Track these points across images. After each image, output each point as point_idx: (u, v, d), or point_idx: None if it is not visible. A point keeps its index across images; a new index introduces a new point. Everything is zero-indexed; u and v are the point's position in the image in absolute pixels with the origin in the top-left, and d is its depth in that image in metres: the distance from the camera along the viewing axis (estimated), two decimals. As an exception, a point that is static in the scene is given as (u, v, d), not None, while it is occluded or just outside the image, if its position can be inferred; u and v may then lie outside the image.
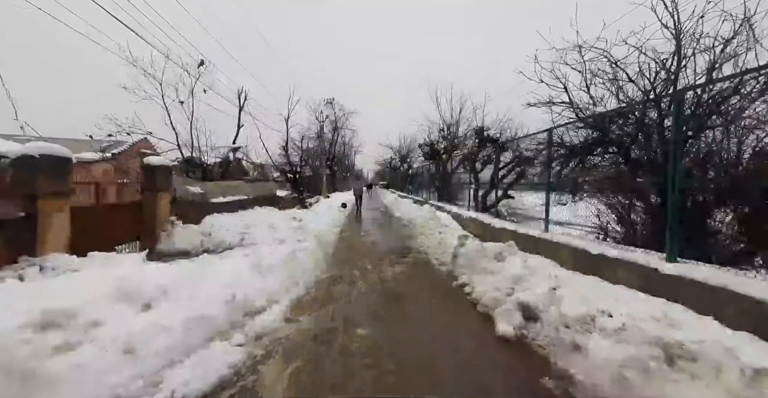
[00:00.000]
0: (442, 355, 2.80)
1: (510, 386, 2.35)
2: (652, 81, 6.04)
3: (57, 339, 2.18)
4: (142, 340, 2.44)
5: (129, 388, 2.12)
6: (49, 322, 2.29)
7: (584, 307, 3.13)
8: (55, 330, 2.26)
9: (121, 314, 2.69)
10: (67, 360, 2.04)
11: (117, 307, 2.75)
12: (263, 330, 3.04)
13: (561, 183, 7.34)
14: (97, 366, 2.09)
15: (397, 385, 2.32)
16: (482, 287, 4.16)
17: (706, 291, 3.03)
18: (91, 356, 2.15)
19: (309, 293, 4.33)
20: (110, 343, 2.28)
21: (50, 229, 5.25)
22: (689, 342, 2.24)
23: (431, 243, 7.84)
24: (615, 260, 4.24)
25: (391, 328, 3.30)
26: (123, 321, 2.58)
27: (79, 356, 2.12)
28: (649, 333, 2.39)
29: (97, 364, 2.12)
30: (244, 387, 2.25)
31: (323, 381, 2.35)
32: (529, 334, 3.12)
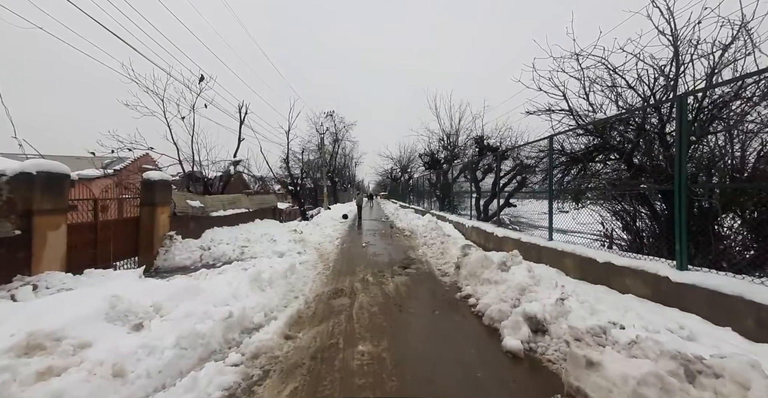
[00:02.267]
0: (447, 372, 2.67)
1: None
2: (651, 87, 6.03)
3: (42, 363, 2.08)
4: (133, 362, 2.33)
5: (116, 415, 2.00)
6: (35, 345, 2.19)
7: (594, 319, 3.01)
8: (40, 354, 2.16)
9: (112, 334, 2.59)
10: (50, 387, 1.93)
11: (107, 327, 2.64)
12: (260, 349, 2.91)
13: (563, 190, 7.27)
14: (82, 393, 1.97)
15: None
16: (487, 299, 4.03)
17: (722, 301, 2.91)
18: (77, 381, 2.04)
19: (309, 307, 4.20)
20: (98, 366, 2.17)
21: (46, 246, 5.18)
22: (710, 356, 2.12)
23: (433, 254, 7.71)
24: (623, 269, 4.12)
25: (393, 344, 3.16)
26: (113, 342, 2.46)
27: (64, 381, 2.00)
28: (665, 346, 2.26)
29: (83, 390, 2.00)
30: (238, 413, 2.13)
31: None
32: (538, 348, 2.98)
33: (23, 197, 5.03)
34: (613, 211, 6.84)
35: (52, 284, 4.37)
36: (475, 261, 5.08)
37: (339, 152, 35.35)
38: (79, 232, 6.19)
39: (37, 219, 5.15)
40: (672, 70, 5.70)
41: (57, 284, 4.34)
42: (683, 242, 3.47)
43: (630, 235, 6.62)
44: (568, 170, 7.59)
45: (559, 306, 3.32)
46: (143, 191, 8.04)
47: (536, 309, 3.24)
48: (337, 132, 33.35)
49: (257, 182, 22.20)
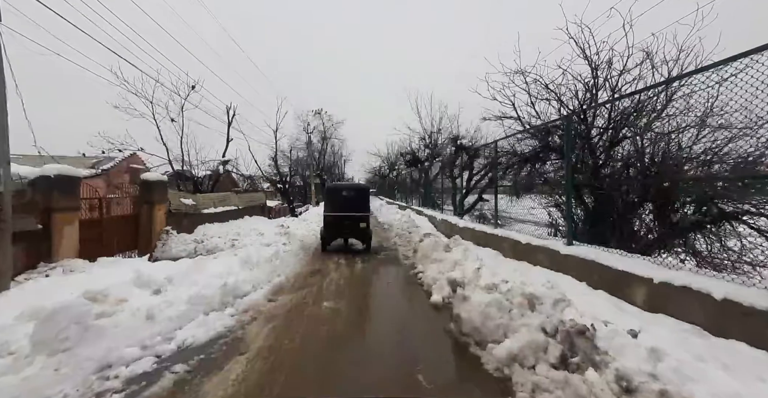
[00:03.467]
0: (385, 316, 3.75)
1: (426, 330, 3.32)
2: (580, 99, 7.21)
3: (99, 308, 3.07)
4: (158, 311, 3.33)
5: (152, 340, 3.01)
6: (91, 298, 3.18)
7: (494, 279, 4.12)
8: (96, 303, 3.15)
9: (140, 295, 3.59)
10: (110, 320, 2.93)
11: (136, 290, 3.64)
12: (249, 306, 3.95)
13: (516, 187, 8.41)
14: (130, 324, 2.98)
15: (344, 333, 3.26)
16: (429, 272, 5.13)
17: (584, 265, 4.05)
18: (123, 319, 3.05)
19: (288, 281, 5.24)
20: (136, 311, 3.17)
21: (63, 239, 6.09)
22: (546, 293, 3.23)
23: (402, 242, 8.81)
24: (537, 248, 5.26)
25: (351, 302, 4.23)
26: (142, 299, 3.47)
27: (115, 319, 3.01)
28: (525, 290, 3.38)
29: (129, 324, 3.01)
30: (234, 338, 3.16)
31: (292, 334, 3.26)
32: (453, 301, 4.08)
33: (43, 197, 5.92)
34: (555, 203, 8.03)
35: (75, 268, 5.30)
36: (427, 245, 6.18)
37: (327, 150, 36.17)
38: (88, 227, 7.08)
39: (55, 216, 6.04)
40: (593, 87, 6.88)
41: (80, 268, 5.28)
42: (570, 224, 4.61)
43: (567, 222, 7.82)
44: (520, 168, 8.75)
45: (476, 273, 4.43)
46: (141, 191, 8.93)
47: (456, 275, 4.34)
48: (326, 130, 34.11)
49: (246, 180, 23.01)
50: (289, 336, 3.18)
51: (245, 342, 3.05)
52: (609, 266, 3.67)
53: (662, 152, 6.20)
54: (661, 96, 5.90)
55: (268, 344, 3.00)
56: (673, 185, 5.68)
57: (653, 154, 6.39)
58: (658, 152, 6.29)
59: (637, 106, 6.07)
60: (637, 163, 6.46)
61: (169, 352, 2.85)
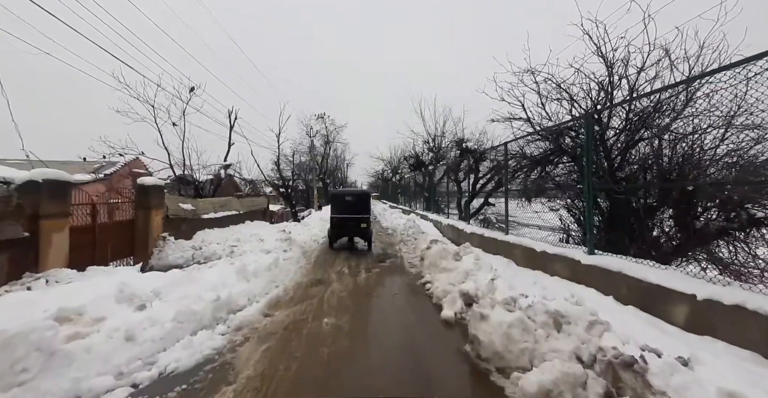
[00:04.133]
0: (390, 334, 3.39)
1: (439, 352, 2.95)
2: (594, 99, 6.86)
3: (70, 329, 2.74)
4: (140, 330, 2.99)
5: (129, 366, 2.67)
6: (64, 318, 2.85)
7: (511, 292, 3.75)
8: (68, 323, 2.82)
9: (121, 311, 3.25)
10: (79, 344, 2.59)
11: (117, 306, 3.31)
12: (243, 323, 3.61)
13: (526, 191, 8.05)
14: (103, 350, 2.64)
15: (347, 355, 2.90)
16: (438, 283, 4.76)
17: (609, 276, 3.68)
18: (98, 342, 2.71)
19: (287, 293, 4.88)
20: (114, 332, 2.84)
21: (51, 247, 5.78)
22: (573, 311, 2.86)
23: (408, 249, 8.44)
24: (553, 256, 4.88)
25: (354, 318, 3.87)
26: (123, 317, 3.13)
27: (90, 340, 2.67)
28: (548, 307, 3.01)
29: (103, 348, 2.67)
30: (224, 362, 2.81)
31: (288, 356, 2.91)
32: (467, 316, 3.71)
33: (31, 203, 5.62)
34: (567, 207, 7.66)
35: (61, 279, 4.97)
36: (435, 253, 5.82)
37: (330, 153, 35.94)
38: (80, 234, 6.78)
39: (43, 222, 5.74)
40: (608, 86, 6.54)
41: (65, 279, 4.95)
42: (590, 231, 4.24)
43: (581, 228, 7.44)
44: (530, 171, 8.40)
45: (490, 285, 4.07)
46: (138, 196, 8.63)
47: (469, 287, 3.97)
48: (328, 134, 33.91)
49: (247, 184, 22.76)
50: (285, 360, 2.83)
51: (235, 368, 2.70)
52: (639, 278, 3.30)
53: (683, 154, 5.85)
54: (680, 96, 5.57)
55: (261, 370, 2.65)
56: (697, 189, 5.32)
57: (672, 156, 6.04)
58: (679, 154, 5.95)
59: (656, 106, 5.74)
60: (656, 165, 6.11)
61: (148, 380, 2.51)
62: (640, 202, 5.92)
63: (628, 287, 3.41)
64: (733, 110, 4.54)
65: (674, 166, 5.91)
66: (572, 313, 2.74)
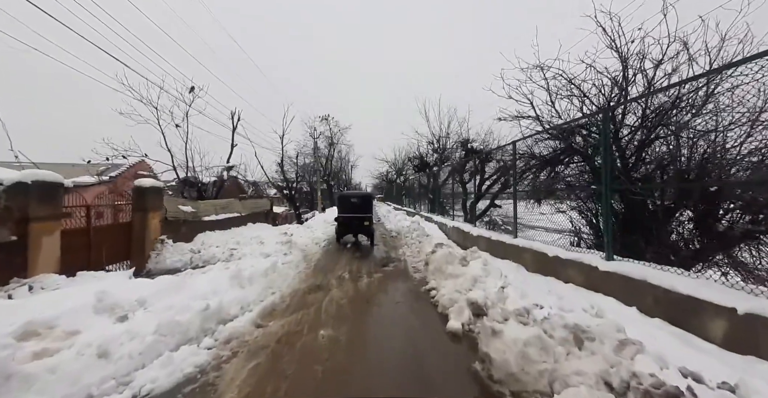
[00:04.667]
0: (392, 348, 3.09)
1: (445, 370, 2.65)
2: (607, 96, 6.52)
3: (37, 345, 2.48)
4: (116, 346, 2.73)
5: (101, 387, 2.40)
6: (31, 332, 2.59)
7: (524, 302, 3.44)
8: (36, 339, 2.56)
9: (99, 323, 2.99)
10: (46, 363, 2.33)
11: (95, 318, 3.05)
12: (232, 335, 3.33)
13: (534, 192, 7.72)
14: (71, 368, 2.38)
15: (344, 374, 2.61)
16: (444, 290, 4.46)
17: (631, 284, 3.35)
18: (67, 359, 2.44)
19: (283, 301, 4.60)
20: (86, 348, 2.57)
21: (41, 251, 5.56)
22: (596, 325, 2.55)
23: (411, 252, 8.14)
24: (567, 262, 4.55)
25: (353, 329, 3.58)
26: (100, 330, 2.87)
27: (57, 359, 2.41)
28: (567, 320, 2.70)
29: (72, 366, 2.40)
30: (205, 383, 2.54)
31: (278, 375, 2.63)
32: (476, 328, 3.40)
33: (19, 205, 5.41)
34: (579, 210, 7.31)
35: (47, 285, 4.75)
36: (441, 258, 5.51)
37: (335, 155, 35.77)
38: (73, 237, 6.58)
39: (33, 226, 5.53)
40: (623, 81, 6.20)
41: (51, 285, 4.73)
42: (609, 235, 3.92)
43: (592, 231, 7.10)
44: (539, 172, 8.06)
45: (500, 293, 3.76)
46: (135, 198, 8.43)
47: (478, 296, 3.66)
48: (333, 136, 33.75)
49: (250, 186, 22.61)
50: (275, 380, 2.54)
51: (217, 390, 2.42)
52: (667, 288, 2.98)
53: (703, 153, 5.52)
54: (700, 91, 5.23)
55: (246, 393, 2.37)
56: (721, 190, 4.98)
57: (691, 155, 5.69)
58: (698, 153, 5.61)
59: (674, 101, 5.40)
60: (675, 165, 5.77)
61: (120, 404, 2.25)
62: (657, 203, 5.58)
63: (654, 298, 3.09)
64: (758, 106, 4.22)
65: (693, 165, 5.58)
66: (596, 328, 2.43)
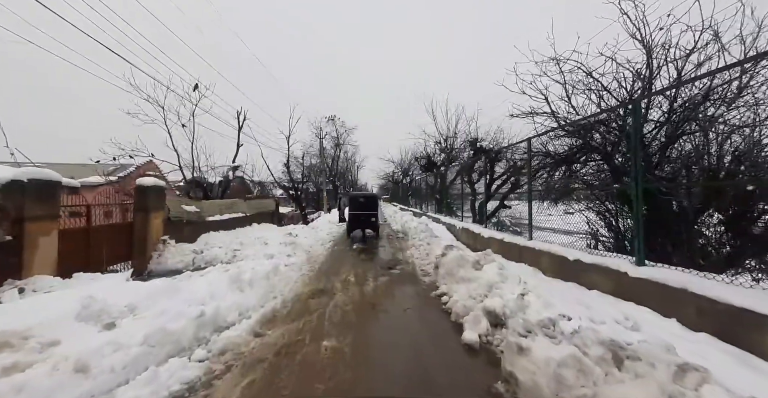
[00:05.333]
0: (402, 364, 2.79)
1: (463, 391, 2.34)
2: (628, 90, 6.15)
3: (7, 359, 2.23)
4: (98, 358, 2.46)
5: (77, 406, 2.14)
6: (3, 343, 2.34)
7: (548, 312, 3.11)
8: (8, 351, 2.31)
9: (82, 333, 2.74)
10: (13, 380, 2.07)
11: (78, 326, 2.79)
12: (227, 346, 3.05)
13: (548, 191, 7.36)
14: (43, 386, 2.12)
15: (348, 393, 2.32)
16: (457, 296, 4.14)
17: (669, 293, 3.00)
18: (39, 375, 2.19)
19: (285, 306, 4.33)
20: (63, 362, 2.31)
21: (37, 251, 5.36)
22: (637, 342, 2.22)
23: (420, 254, 7.82)
24: (590, 266, 4.21)
25: (358, 340, 3.28)
26: (82, 340, 2.61)
27: (27, 375, 2.15)
28: (601, 334, 2.37)
29: (45, 384, 2.14)
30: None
31: (274, 394, 2.35)
32: (494, 340, 3.09)
33: (15, 205, 5.22)
34: (597, 211, 6.94)
35: (39, 288, 4.54)
36: (452, 261, 5.19)
37: (341, 156, 35.57)
38: (72, 237, 6.39)
39: (29, 225, 5.34)
40: (647, 74, 5.83)
41: (44, 288, 4.52)
42: (640, 238, 3.57)
43: (612, 234, 6.71)
44: (553, 171, 7.69)
45: (519, 301, 3.43)
46: (137, 197, 8.24)
47: (496, 304, 3.35)
48: (339, 136, 33.56)
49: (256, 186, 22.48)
50: (272, 391, 2.26)
51: (206, 410, 2.15)
52: (713, 298, 2.63)
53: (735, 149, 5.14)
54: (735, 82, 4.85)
55: (238, 416, 2.09)
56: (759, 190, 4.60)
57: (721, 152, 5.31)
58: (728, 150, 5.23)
59: (706, 94, 5.02)
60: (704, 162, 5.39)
61: (94, 429, 1.98)
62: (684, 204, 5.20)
63: (698, 309, 2.74)
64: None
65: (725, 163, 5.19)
66: (640, 347, 2.10)
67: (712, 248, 5.29)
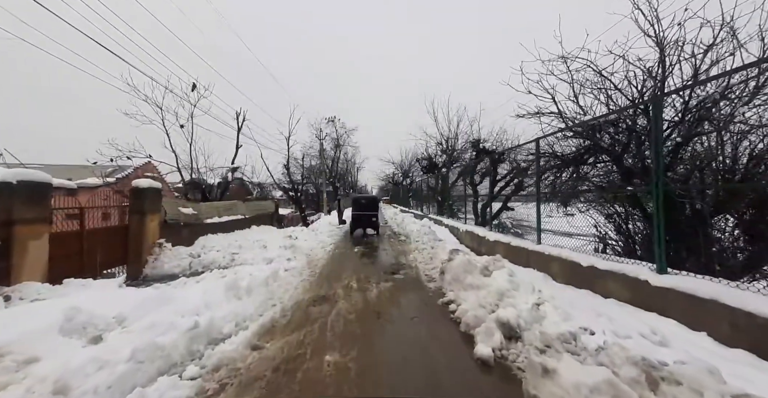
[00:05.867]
0: (410, 381, 2.57)
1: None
2: (639, 89, 5.96)
3: (-21, 379, 2.02)
4: (80, 378, 2.25)
5: (53, 433, 1.93)
6: (-24, 361, 2.13)
7: (567, 324, 2.90)
8: (-20, 370, 2.10)
9: (64, 348, 2.52)
10: (-18, 405, 1.86)
11: (61, 341, 2.58)
12: (222, 361, 2.84)
13: (555, 194, 7.17)
14: (17, 410, 1.91)
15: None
16: (466, 305, 3.93)
17: (698, 304, 2.80)
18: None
19: (285, 315, 4.11)
20: (39, 383, 2.10)
21: (27, 256, 5.15)
22: (673, 362, 2.02)
23: (423, 258, 7.61)
24: (606, 273, 4.00)
25: (362, 353, 3.07)
26: (63, 357, 2.40)
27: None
28: (630, 352, 2.16)
29: (20, 407, 1.93)
30: (182, 428, 2.06)
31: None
32: (509, 355, 2.87)
33: (3, 207, 5.01)
34: (606, 214, 6.74)
35: (27, 295, 4.32)
36: (459, 266, 4.98)
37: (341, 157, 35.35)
38: (64, 241, 6.17)
39: (18, 229, 5.12)
40: (659, 72, 5.64)
41: (32, 295, 4.30)
42: (662, 244, 3.36)
43: (622, 238, 6.51)
44: (560, 173, 7.50)
45: (535, 312, 3.22)
46: (132, 199, 8.04)
47: (510, 315, 3.14)
48: (339, 138, 33.36)
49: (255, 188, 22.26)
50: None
51: (195, 440, 1.94)
52: (753, 312, 2.42)
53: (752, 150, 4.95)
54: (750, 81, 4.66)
55: (231, 445, 1.88)
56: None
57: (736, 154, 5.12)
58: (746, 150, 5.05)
59: (723, 92, 4.83)
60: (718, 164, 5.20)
61: (71, 461, 1.76)
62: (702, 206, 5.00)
63: (732, 323, 2.53)
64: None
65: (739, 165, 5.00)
66: (679, 369, 1.89)
67: (729, 253, 5.10)
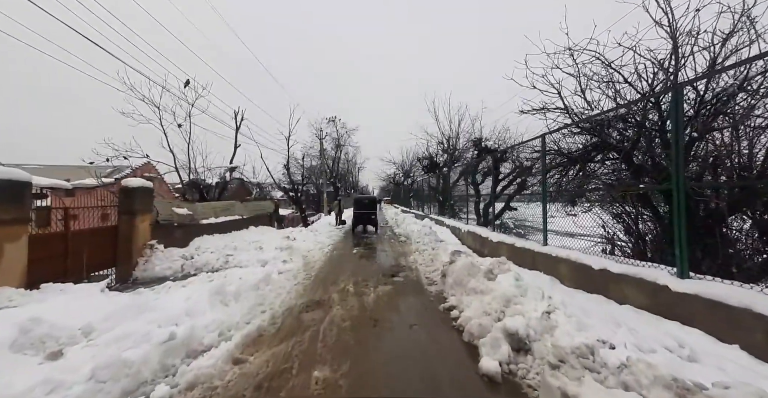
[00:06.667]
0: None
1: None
2: (650, 82, 5.67)
3: None
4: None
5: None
6: None
7: (582, 336, 2.61)
8: None
9: (15, 366, 2.24)
10: None
11: (12, 358, 2.29)
12: (198, 378, 2.54)
13: (561, 192, 6.88)
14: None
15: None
16: (470, 312, 3.64)
17: (728, 313, 2.50)
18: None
19: (274, 323, 3.82)
20: (-23, 409, 1.82)
21: (2, 260, 4.86)
22: (712, 384, 1.72)
23: (424, 260, 7.32)
24: (620, 277, 3.70)
25: (355, 367, 2.78)
26: (11, 378, 2.11)
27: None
28: (659, 370, 1.87)
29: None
30: (141, 464, 1.77)
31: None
32: (518, 371, 2.58)
33: (-22, 208, 4.74)
34: (614, 213, 6.44)
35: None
36: (461, 269, 4.69)
37: (342, 157, 35.10)
38: (46, 243, 5.89)
39: (-6, 230, 4.85)
40: (672, 64, 5.34)
41: (3, 302, 4.01)
42: (683, 247, 3.06)
43: (632, 238, 6.21)
44: (566, 171, 7.20)
45: (545, 320, 2.93)
46: (122, 199, 7.76)
47: (518, 325, 2.84)
48: (339, 138, 33.11)
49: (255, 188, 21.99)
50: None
51: None
52: (793, 323, 2.13)
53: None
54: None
55: None
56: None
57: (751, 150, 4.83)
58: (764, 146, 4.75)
59: (742, 83, 4.53)
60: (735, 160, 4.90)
61: None
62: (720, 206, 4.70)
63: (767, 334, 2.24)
64: None
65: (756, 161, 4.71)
66: (719, 392, 1.60)
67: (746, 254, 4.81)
